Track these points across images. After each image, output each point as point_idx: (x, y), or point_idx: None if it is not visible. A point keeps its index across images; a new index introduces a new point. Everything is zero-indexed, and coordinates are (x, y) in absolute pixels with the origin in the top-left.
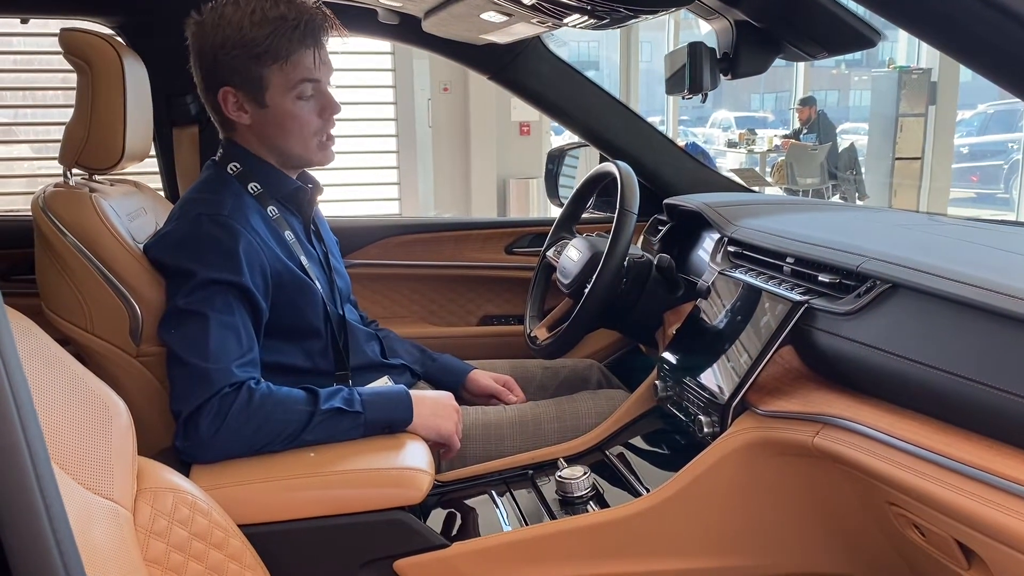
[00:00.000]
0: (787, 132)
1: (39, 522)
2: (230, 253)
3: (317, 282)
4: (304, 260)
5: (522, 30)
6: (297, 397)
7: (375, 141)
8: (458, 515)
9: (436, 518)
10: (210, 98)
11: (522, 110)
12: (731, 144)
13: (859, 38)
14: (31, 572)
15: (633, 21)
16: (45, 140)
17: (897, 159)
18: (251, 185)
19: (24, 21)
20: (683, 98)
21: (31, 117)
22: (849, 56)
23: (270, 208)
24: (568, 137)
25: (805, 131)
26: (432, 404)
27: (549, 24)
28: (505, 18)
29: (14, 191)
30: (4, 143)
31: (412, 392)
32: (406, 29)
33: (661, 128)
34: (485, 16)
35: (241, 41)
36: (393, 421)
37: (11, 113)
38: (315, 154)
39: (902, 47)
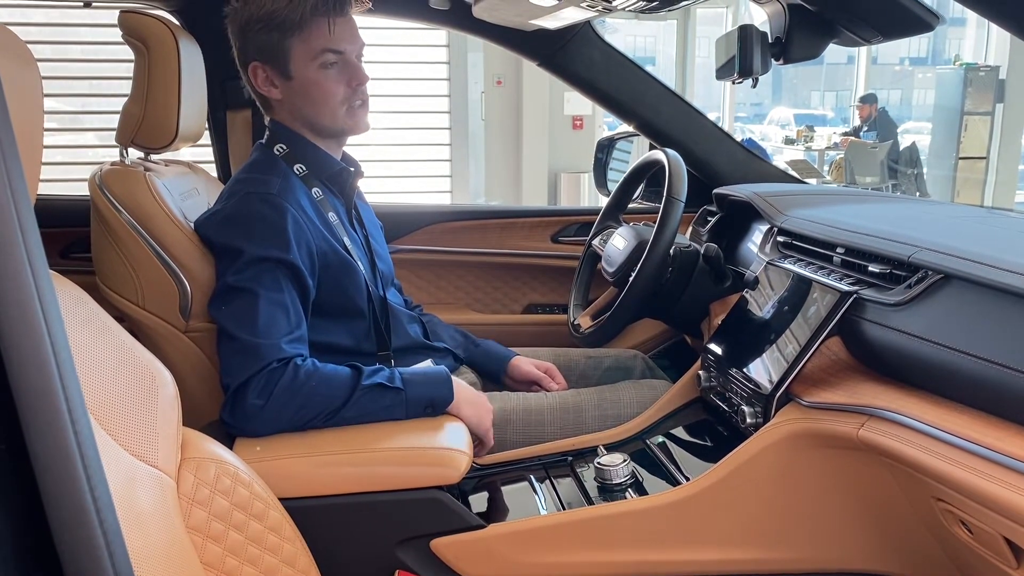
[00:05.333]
0: (847, 129)
1: (74, 466)
2: (278, 231)
3: (360, 263)
4: (347, 241)
5: (572, 15)
6: (342, 373)
7: (428, 133)
8: (496, 498)
9: (474, 500)
10: (246, 77)
11: (575, 104)
12: (788, 141)
13: (917, 21)
14: (65, 516)
15: (683, 4)
16: (111, 128)
17: (961, 158)
18: (297, 166)
19: (87, 4)
20: (733, 83)
21: (97, 106)
22: (914, 53)
23: (315, 189)
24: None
25: (865, 129)
26: (471, 393)
27: (599, 8)
28: (555, 2)
29: (81, 178)
30: (72, 131)
31: (452, 377)
32: (457, 15)
33: None
34: (535, 0)
35: (263, 15)
36: (434, 400)
37: (79, 102)
38: (344, 122)
39: (969, 44)
